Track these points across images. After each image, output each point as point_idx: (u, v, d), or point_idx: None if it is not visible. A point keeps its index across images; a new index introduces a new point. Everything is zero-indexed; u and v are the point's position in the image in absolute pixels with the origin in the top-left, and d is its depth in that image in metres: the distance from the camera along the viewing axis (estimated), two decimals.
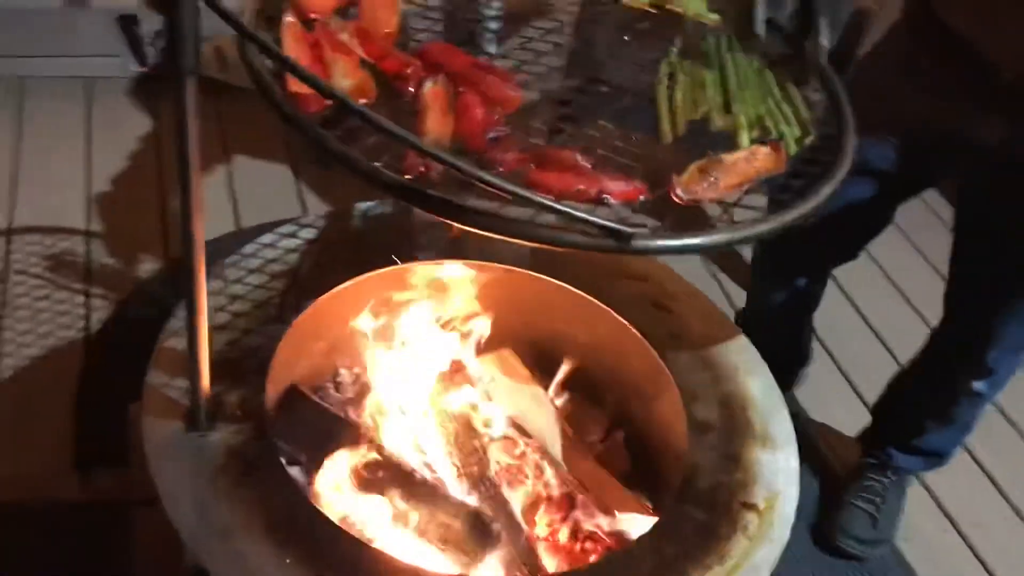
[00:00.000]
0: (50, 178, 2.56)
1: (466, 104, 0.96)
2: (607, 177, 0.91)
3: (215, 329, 1.42)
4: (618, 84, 1.17)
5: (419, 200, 0.86)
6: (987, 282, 1.69)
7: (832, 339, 2.51)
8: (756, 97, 1.04)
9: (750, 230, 0.90)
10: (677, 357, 1.54)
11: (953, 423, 1.89)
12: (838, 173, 0.99)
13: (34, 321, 2.16)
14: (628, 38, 1.27)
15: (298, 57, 0.96)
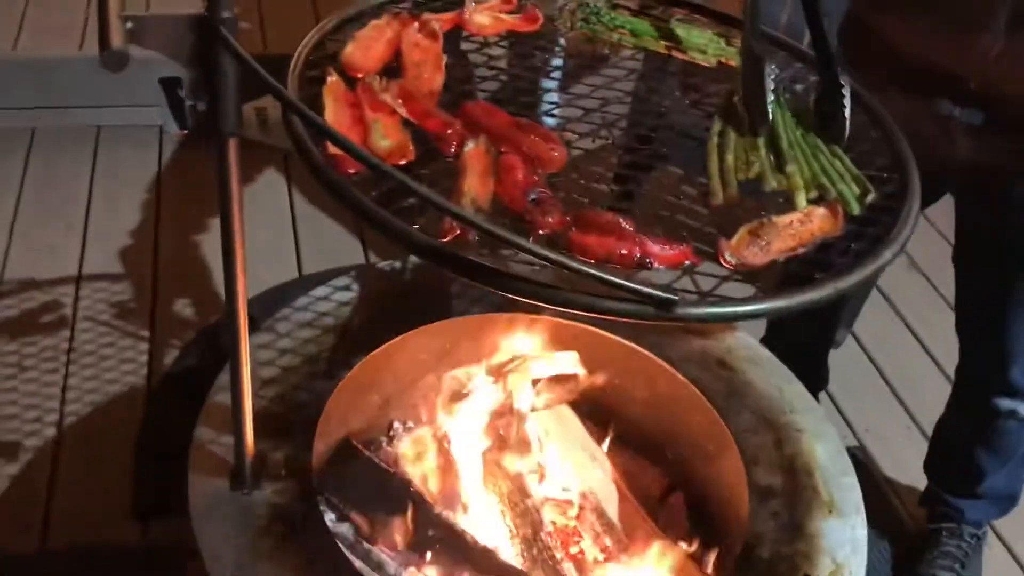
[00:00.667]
0: (119, 226, 2.62)
1: (507, 165, 0.93)
2: (650, 240, 0.87)
3: (263, 383, 1.42)
4: (683, 130, 1.14)
5: (452, 264, 0.83)
6: (989, 301, 1.67)
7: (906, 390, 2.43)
8: (808, 155, 0.99)
9: (803, 297, 0.85)
10: (739, 418, 1.48)
11: (1007, 454, 1.82)
12: (901, 235, 0.94)
13: (99, 367, 2.20)
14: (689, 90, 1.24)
15: (338, 118, 0.95)
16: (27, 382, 2.15)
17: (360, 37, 1.07)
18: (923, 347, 2.57)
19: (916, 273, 2.81)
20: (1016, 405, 1.73)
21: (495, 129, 0.97)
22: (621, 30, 1.20)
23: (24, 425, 2.05)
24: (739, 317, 0.83)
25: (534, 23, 1.18)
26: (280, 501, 1.24)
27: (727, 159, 1.01)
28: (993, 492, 1.89)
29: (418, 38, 1.09)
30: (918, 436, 2.29)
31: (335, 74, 1.00)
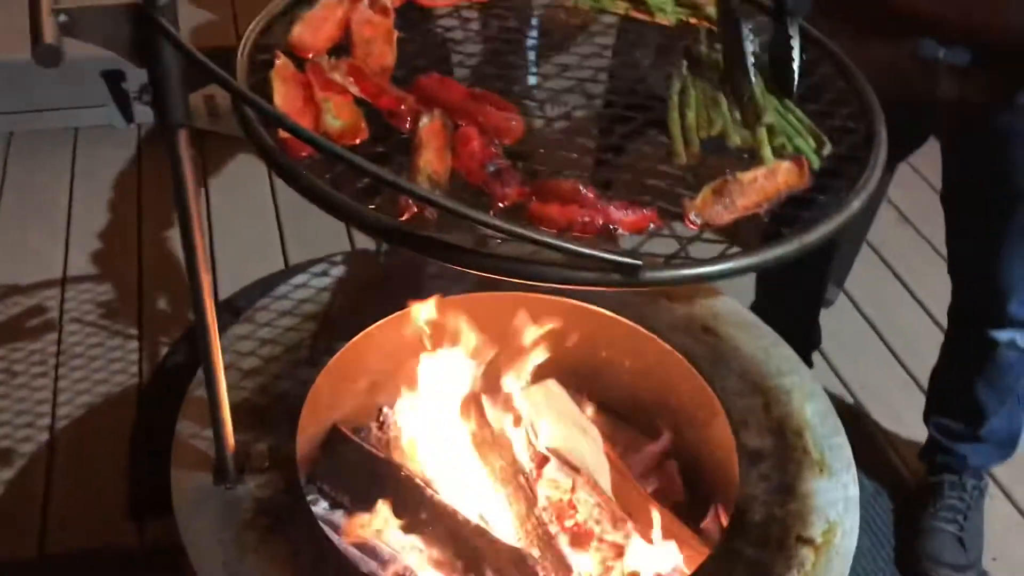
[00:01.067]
0: (102, 226, 2.60)
1: (463, 138, 0.91)
2: (613, 206, 0.86)
3: (244, 375, 1.41)
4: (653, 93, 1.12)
5: (412, 243, 0.81)
6: (982, 237, 1.67)
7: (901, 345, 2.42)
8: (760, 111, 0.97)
9: (768, 253, 0.83)
10: (727, 382, 1.47)
11: (1006, 390, 1.82)
12: (868, 184, 0.92)
13: (89, 369, 2.19)
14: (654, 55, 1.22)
15: (287, 100, 0.93)
16: (18, 388, 2.13)
17: (309, 17, 1.05)
18: (916, 300, 2.56)
19: (906, 226, 2.78)
20: (1015, 335, 1.72)
21: (450, 103, 0.95)
22: None
23: (17, 431, 2.04)
24: (705, 278, 0.81)
25: None
26: (264, 494, 1.23)
27: (688, 117, 0.99)
28: (994, 435, 1.89)
29: (369, 14, 1.07)
30: (915, 390, 2.27)
31: (283, 56, 0.98)
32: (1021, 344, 1.72)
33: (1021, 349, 1.73)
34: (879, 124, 1.00)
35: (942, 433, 1.93)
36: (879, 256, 2.69)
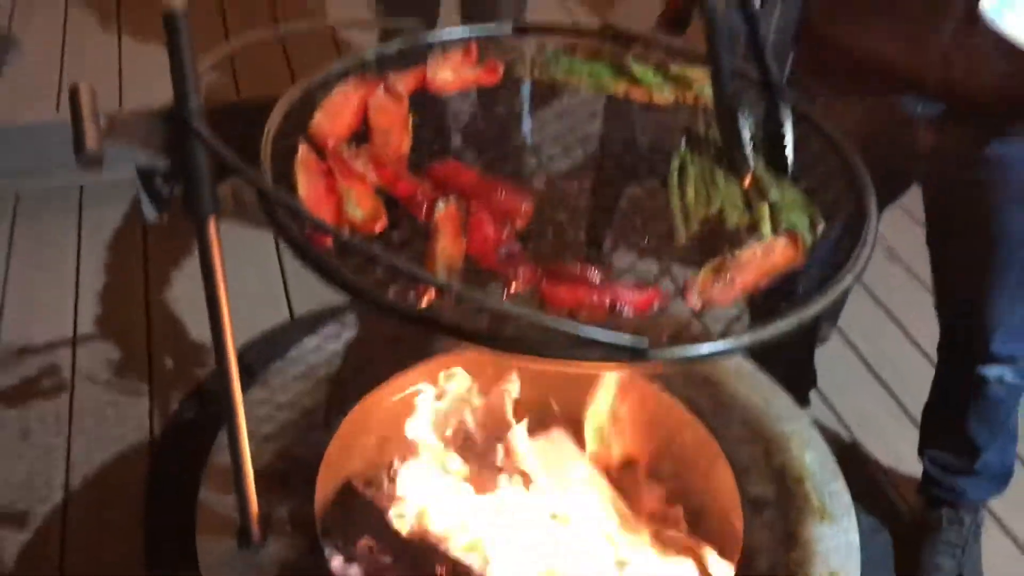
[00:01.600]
0: (110, 283, 2.65)
1: (477, 223, 0.97)
2: (620, 287, 0.91)
3: (263, 440, 1.45)
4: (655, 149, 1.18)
5: (430, 326, 0.87)
6: (964, 275, 1.72)
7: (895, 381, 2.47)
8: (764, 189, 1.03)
9: (771, 330, 0.88)
10: (728, 431, 1.52)
11: (998, 425, 1.86)
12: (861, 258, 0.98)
13: (101, 427, 2.22)
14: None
15: (311, 190, 0.99)
16: (32, 448, 2.17)
17: (327, 105, 1.10)
18: (908, 336, 2.61)
19: (896, 263, 2.85)
20: (1002, 371, 1.77)
21: (463, 187, 1.01)
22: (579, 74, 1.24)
23: (31, 492, 2.07)
24: (709, 356, 0.87)
25: (494, 75, 1.22)
26: (288, 556, 1.27)
27: (688, 195, 1.04)
28: (988, 468, 1.93)
29: (384, 101, 1.13)
30: (911, 426, 2.32)
31: (306, 145, 1.03)
32: (1009, 380, 1.77)
33: (1010, 384, 1.78)
34: (869, 197, 1.06)
35: (937, 467, 1.97)
36: (871, 294, 2.75)
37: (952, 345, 1.86)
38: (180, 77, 0.88)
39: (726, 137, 1.07)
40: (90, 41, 3.43)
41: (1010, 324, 1.70)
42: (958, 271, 1.75)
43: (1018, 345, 1.73)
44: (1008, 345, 1.73)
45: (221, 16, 3.58)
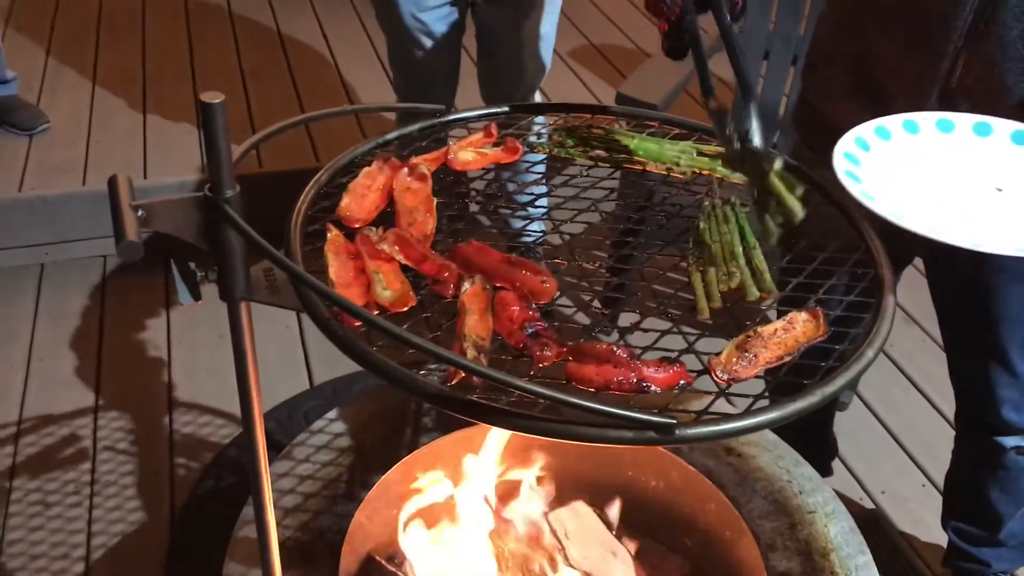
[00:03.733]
0: (133, 351, 2.68)
1: (503, 302, 0.98)
2: (645, 365, 0.92)
3: (286, 513, 1.46)
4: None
5: (460, 408, 0.88)
6: (969, 349, 1.73)
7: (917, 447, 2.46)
8: None
9: (794, 406, 0.89)
10: (752, 504, 1.51)
11: (1021, 494, 1.84)
12: (881, 332, 0.99)
13: (122, 497, 2.23)
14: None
15: (341, 273, 1.01)
16: (53, 519, 2.18)
17: (354, 188, 1.13)
18: (928, 401, 2.61)
19: (913, 326, 2.85)
20: (1019, 441, 1.77)
21: (488, 267, 1.03)
22: (596, 151, 1.27)
23: (52, 563, 2.08)
24: (734, 433, 0.87)
25: (515, 153, 1.25)
26: None
27: (708, 272, 1.06)
28: (1014, 538, 1.91)
29: (409, 182, 1.16)
30: (935, 493, 2.30)
31: (334, 228, 1.06)
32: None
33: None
34: (885, 267, 1.08)
35: (962, 538, 1.95)
36: (889, 358, 2.75)
37: (967, 415, 1.86)
38: (216, 165, 0.91)
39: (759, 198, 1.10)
40: (116, 115, 3.52)
41: (1017, 396, 1.70)
42: (963, 345, 1.76)
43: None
44: (1021, 415, 1.72)
45: (245, 100, 3.68)
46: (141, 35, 4.15)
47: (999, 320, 1.61)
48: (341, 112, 1.27)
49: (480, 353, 0.94)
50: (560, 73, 3.94)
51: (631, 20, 4.51)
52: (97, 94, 3.64)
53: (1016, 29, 1.31)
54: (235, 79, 3.84)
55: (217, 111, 0.89)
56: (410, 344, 0.84)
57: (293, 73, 3.93)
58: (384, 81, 3.80)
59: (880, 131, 1.23)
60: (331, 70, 3.98)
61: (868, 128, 1.23)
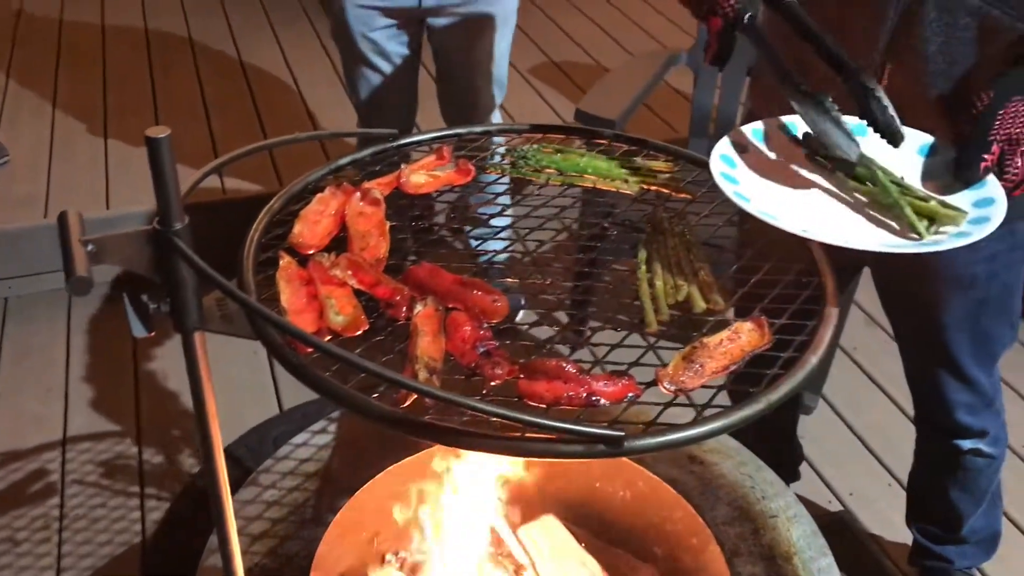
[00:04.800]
0: (99, 383, 2.67)
1: (455, 323, 1.00)
2: (594, 379, 0.94)
3: (253, 540, 1.46)
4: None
5: (412, 429, 0.89)
6: (919, 355, 1.76)
7: (882, 447, 2.49)
8: None
9: (740, 414, 0.91)
10: (715, 511, 1.53)
11: (980, 493, 1.88)
12: (824, 339, 1.01)
13: (92, 530, 2.22)
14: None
15: (293, 300, 1.02)
16: (21, 556, 2.16)
17: (306, 214, 1.15)
18: (892, 401, 2.65)
19: (875, 328, 2.89)
20: (976, 443, 1.79)
21: (440, 288, 1.05)
22: (548, 169, 1.29)
23: None
24: (682, 443, 0.89)
25: (467, 175, 1.27)
26: None
27: (656, 285, 1.08)
28: (975, 535, 1.95)
29: (361, 207, 1.17)
30: (900, 492, 2.33)
31: (286, 256, 1.07)
32: (986, 450, 1.79)
33: (987, 455, 1.80)
34: (828, 277, 1.10)
35: (926, 537, 1.99)
36: (853, 360, 2.79)
37: (924, 418, 1.89)
38: (164, 198, 0.92)
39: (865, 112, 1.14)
40: (78, 146, 3.51)
41: (969, 400, 1.73)
42: (915, 352, 1.79)
43: (986, 417, 1.76)
44: (975, 418, 1.75)
45: (208, 129, 3.69)
46: (102, 66, 4.14)
47: (946, 328, 1.63)
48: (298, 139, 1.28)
49: (432, 374, 0.95)
50: (521, 90, 3.97)
51: (590, 36, 4.56)
52: (58, 126, 3.63)
53: (935, 43, 1.35)
54: (197, 108, 3.84)
55: (163, 145, 0.91)
56: (360, 368, 0.85)
57: (256, 100, 3.93)
58: (348, 104, 3.82)
59: (756, 133, 1.26)
60: (294, 95, 3.99)
61: (747, 131, 1.26)
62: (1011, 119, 1.16)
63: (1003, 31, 1.32)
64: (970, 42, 1.34)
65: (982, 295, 1.59)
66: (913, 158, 1.23)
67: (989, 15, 1.31)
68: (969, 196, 1.15)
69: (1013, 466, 2.42)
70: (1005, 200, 1.13)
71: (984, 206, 1.13)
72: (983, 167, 1.15)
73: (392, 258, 1.12)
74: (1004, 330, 1.67)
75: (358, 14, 2.37)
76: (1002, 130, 1.16)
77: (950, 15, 1.33)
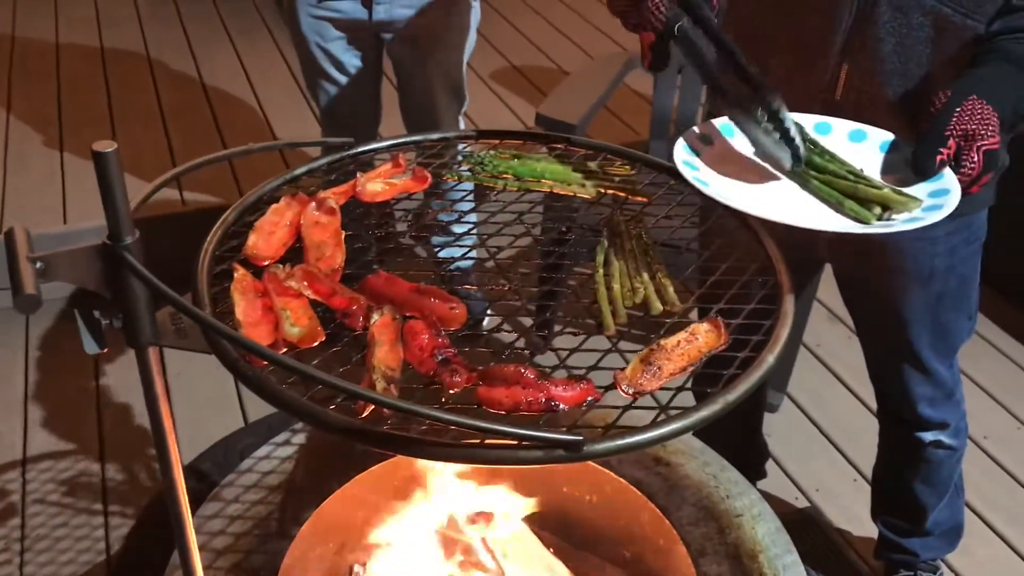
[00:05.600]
0: (59, 400, 2.63)
1: (412, 331, 1.00)
2: (553, 384, 0.94)
3: (217, 554, 1.44)
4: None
5: (370, 440, 0.89)
6: (881, 349, 1.78)
7: (847, 443, 2.51)
8: None
9: (698, 415, 0.92)
10: (681, 512, 1.54)
11: (943, 485, 1.90)
12: (780, 337, 1.02)
13: (54, 551, 2.18)
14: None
15: (248, 312, 1.01)
16: None
17: (261, 225, 1.13)
18: (856, 396, 2.67)
19: (837, 323, 2.92)
20: (937, 435, 1.82)
21: (397, 297, 1.04)
22: (506, 175, 1.29)
23: None
24: (641, 445, 0.89)
25: (424, 182, 1.26)
26: None
27: (614, 288, 1.09)
28: (939, 527, 1.97)
29: (317, 216, 1.16)
30: (866, 487, 2.35)
31: (241, 268, 1.06)
32: (948, 442, 1.81)
33: (948, 446, 1.82)
34: (784, 275, 1.11)
35: (890, 530, 2.01)
36: (816, 357, 2.82)
37: (887, 412, 1.91)
38: (113, 213, 0.91)
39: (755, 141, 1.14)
40: (32, 161, 3.46)
41: (931, 392, 1.75)
42: (877, 346, 1.81)
43: (946, 409, 1.78)
44: (937, 410, 1.78)
45: (166, 140, 3.65)
46: (56, 77, 4.09)
47: (907, 322, 1.66)
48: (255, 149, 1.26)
49: (390, 384, 0.95)
50: (482, 95, 3.98)
51: (550, 39, 4.57)
52: (11, 140, 3.58)
53: (889, 43, 1.37)
54: (155, 120, 3.80)
55: (110, 159, 0.90)
56: (314, 379, 0.84)
57: (214, 111, 3.90)
58: (308, 114, 3.80)
59: (725, 128, 1.29)
60: (253, 105, 3.96)
61: (714, 124, 1.30)
62: (968, 115, 1.19)
63: (955, 29, 1.34)
64: (924, 41, 1.36)
65: (940, 288, 1.62)
66: (875, 154, 1.26)
67: (941, 14, 1.34)
68: (925, 187, 1.18)
69: (974, 457, 2.46)
70: (959, 191, 1.16)
71: (938, 196, 1.16)
72: (939, 160, 1.18)
73: (349, 267, 1.12)
74: (962, 322, 1.69)
75: (313, 24, 2.36)
76: (958, 126, 1.19)
77: (904, 15, 1.35)
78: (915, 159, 1.20)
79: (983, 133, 1.18)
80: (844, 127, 1.30)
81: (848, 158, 1.23)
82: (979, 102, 1.20)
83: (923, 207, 1.14)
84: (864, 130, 1.29)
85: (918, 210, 1.14)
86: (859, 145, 1.28)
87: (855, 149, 1.27)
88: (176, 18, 4.72)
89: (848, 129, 1.29)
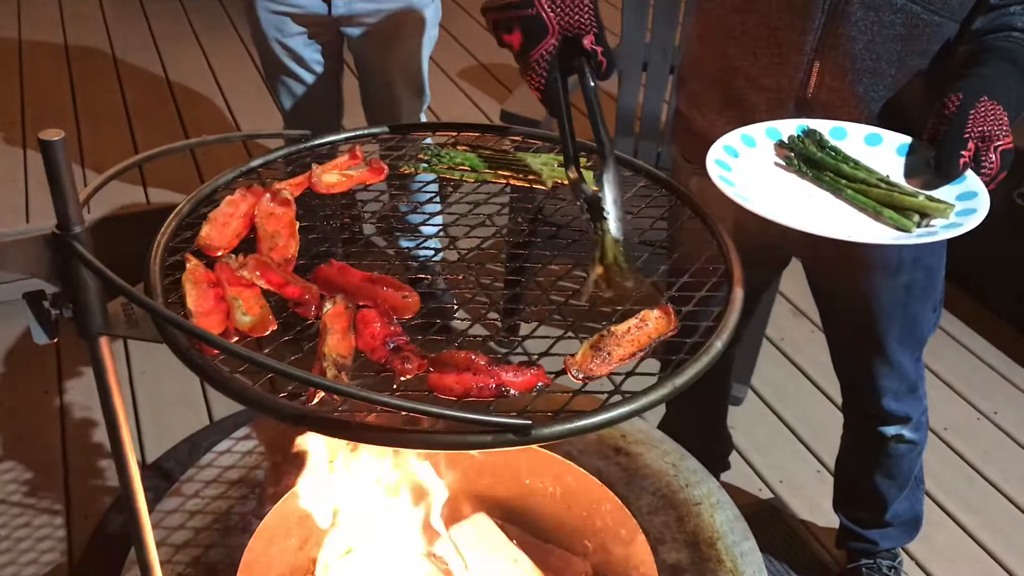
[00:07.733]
0: (22, 399, 2.60)
1: (364, 319, 1.00)
2: (503, 370, 0.95)
3: (176, 549, 1.44)
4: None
5: (320, 427, 0.89)
6: (846, 342, 1.81)
7: (811, 435, 2.54)
8: None
9: (647, 399, 0.93)
10: (641, 501, 1.55)
11: (903, 478, 1.93)
12: (729, 324, 1.03)
13: (15, 551, 2.16)
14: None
15: (200, 302, 1.01)
16: None
17: (215, 217, 1.13)
18: (819, 389, 2.70)
19: (801, 318, 2.96)
20: (899, 429, 1.84)
21: (349, 286, 1.05)
22: (461, 167, 1.30)
23: None
24: (590, 429, 0.90)
25: (380, 174, 1.27)
26: None
27: None
28: (898, 518, 2.00)
29: (271, 207, 1.16)
30: (828, 478, 2.38)
31: (193, 259, 1.06)
32: (909, 436, 1.84)
33: (909, 440, 1.85)
34: (734, 263, 1.13)
35: (852, 521, 2.04)
36: (780, 350, 2.85)
37: (851, 405, 1.93)
38: (61, 202, 0.90)
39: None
40: None
41: (896, 386, 1.77)
42: (844, 339, 1.83)
43: (909, 403, 1.80)
44: (900, 404, 1.80)
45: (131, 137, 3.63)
46: (19, 76, 4.04)
47: (875, 315, 1.67)
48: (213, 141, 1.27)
49: (341, 371, 0.95)
50: (448, 92, 3.98)
51: None
52: None
53: (861, 42, 1.39)
54: (120, 117, 3.77)
55: (57, 148, 0.89)
56: (262, 366, 0.85)
57: (179, 108, 3.88)
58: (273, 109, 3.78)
59: (746, 139, 1.31)
60: (219, 101, 3.94)
61: (735, 136, 1.32)
62: (983, 117, 1.23)
63: (925, 27, 1.37)
64: (895, 39, 1.39)
65: (907, 279, 1.64)
66: (894, 158, 1.31)
67: (912, 11, 1.37)
68: (952, 190, 1.23)
69: (934, 447, 2.49)
70: (986, 192, 1.21)
71: (968, 199, 1.21)
72: (961, 163, 1.22)
73: (303, 258, 1.12)
74: (928, 314, 1.72)
75: (271, 19, 2.36)
76: (975, 128, 1.22)
77: (875, 13, 1.38)
78: (938, 163, 1.23)
79: (999, 133, 1.22)
80: (859, 131, 1.33)
81: (869, 163, 1.27)
82: (991, 103, 1.24)
83: (955, 211, 1.18)
84: (879, 133, 1.33)
85: (952, 214, 1.18)
86: (876, 149, 1.32)
87: (874, 153, 1.30)
88: (141, 15, 4.69)
89: (863, 133, 1.33)
